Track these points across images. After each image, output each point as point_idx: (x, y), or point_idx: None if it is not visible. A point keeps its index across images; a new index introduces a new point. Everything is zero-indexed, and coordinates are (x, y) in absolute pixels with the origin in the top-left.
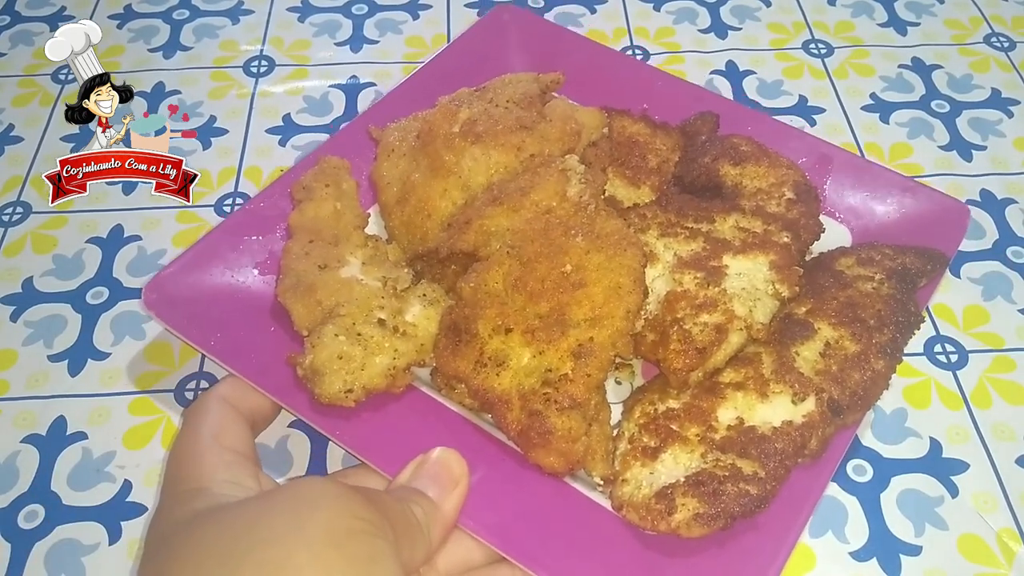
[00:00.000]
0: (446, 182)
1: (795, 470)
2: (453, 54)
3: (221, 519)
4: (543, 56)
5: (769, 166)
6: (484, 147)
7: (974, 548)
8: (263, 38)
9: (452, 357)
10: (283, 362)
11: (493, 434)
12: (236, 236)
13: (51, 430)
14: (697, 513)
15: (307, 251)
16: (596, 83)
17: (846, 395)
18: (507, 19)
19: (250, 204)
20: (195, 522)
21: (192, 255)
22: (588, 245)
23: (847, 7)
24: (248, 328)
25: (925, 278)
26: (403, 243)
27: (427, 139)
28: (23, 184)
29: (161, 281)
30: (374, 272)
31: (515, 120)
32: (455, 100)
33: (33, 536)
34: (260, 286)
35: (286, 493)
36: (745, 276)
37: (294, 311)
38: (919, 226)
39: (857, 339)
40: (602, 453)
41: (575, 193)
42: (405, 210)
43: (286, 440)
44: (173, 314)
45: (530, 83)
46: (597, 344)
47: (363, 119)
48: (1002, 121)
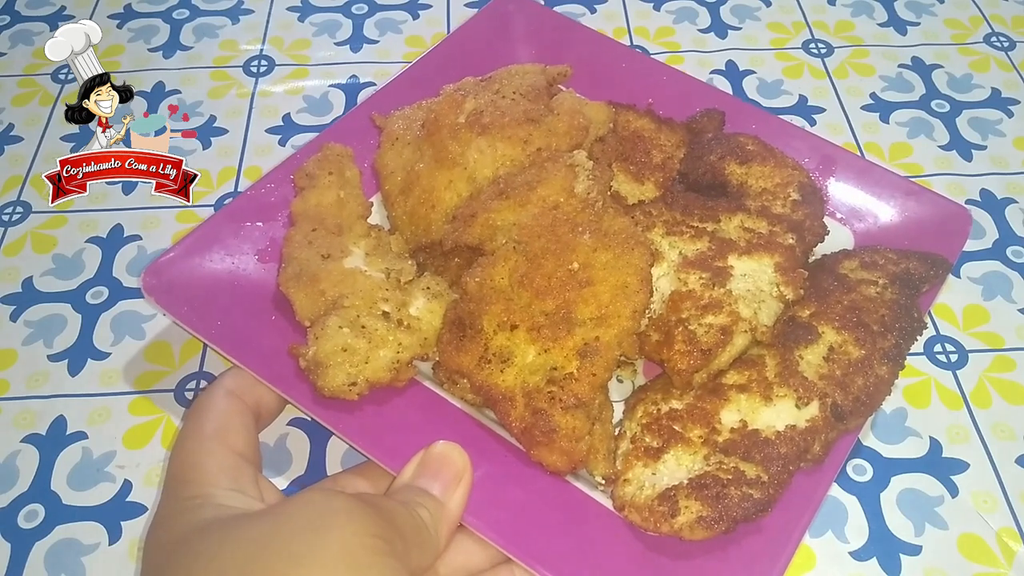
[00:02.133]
0: (451, 173)
1: (797, 474)
2: (456, 42)
3: (232, 535)
4: (547, 46)
5: (775, 166)
6: (490, 139)
7: (974, 547)
8: (263, 38)
9: (456, 352)
10: (285, 352)
11: (495, 430)
12: (237, 222)
13: (51, 430)
14: (700, 516)
15: (310, 240)
16: (600, 76)
17: (849, 400)
18: (511, 8)
19: (251, 190)
20: (203, 535)
21: (192, 240)
22: (595, 243)
23: (847, 7)
24: (249, 316)
25: (928, 283)
26: (406, 234)
27: (432, 128)
28: (23, 184)
29: (161, 266)
30: (378, 263)
31: (522, 112)
32: (460, 89)
33: (33, 536)
34: (261, 274)
35: (298, 510)
36: (750, 277)
37: (296, 301)
38: (921, 230)
39: (861, 344)
40: (604, 452)
41: (583, 190)
42: (409, 200)
43: (285, 438)
44: (172, 300)
45: (537, 75)
46: (603, 343)
47: (366, 106)
48: (1002, 121)
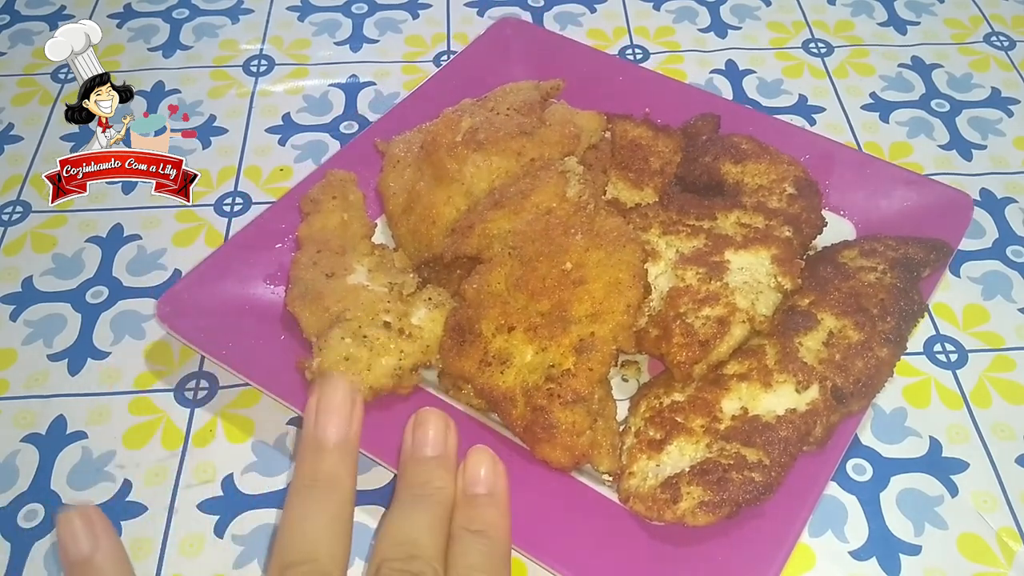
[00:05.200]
0: (449, 189)
1: (800, 458)
2: (456, 67)
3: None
4: (546, 67)
5: (770, 163)
6: (485, 153)
7: (974, 547)
8: (263, 37)
9: (457, 357)
10: (293, 369)
11: (502, 433)
12: (246, 250)
13: (51, 429)
14: (702, 501)
15: (315, 261)
16: (598, 90)
17: (850, 383)
18: (509, 32)
19: (260, 218)
20: None
21: (204, 268)
22: (587, 243)
23: (847, 6)
24: (258, 337)
25: (928, 268)
26: (410, 251)
27: (431, 149)
28: (23, 183)
29: (174, 294)
30: (380, 278)
31: (515, 126)
32: (457, 110)
33: (33, 535)
34: (270, 296)
35: None
36: (747, 270)
37: (302, 318)
38: (923, 218)
39: (860, 328)
40: (608, 448)
41: (574, 194)
42: (411, 218)
43: (285, 437)
44: (186, 326)
45: (531, 90)
46: (598, 339)
47: (369, 133)
48: (1002, 120)
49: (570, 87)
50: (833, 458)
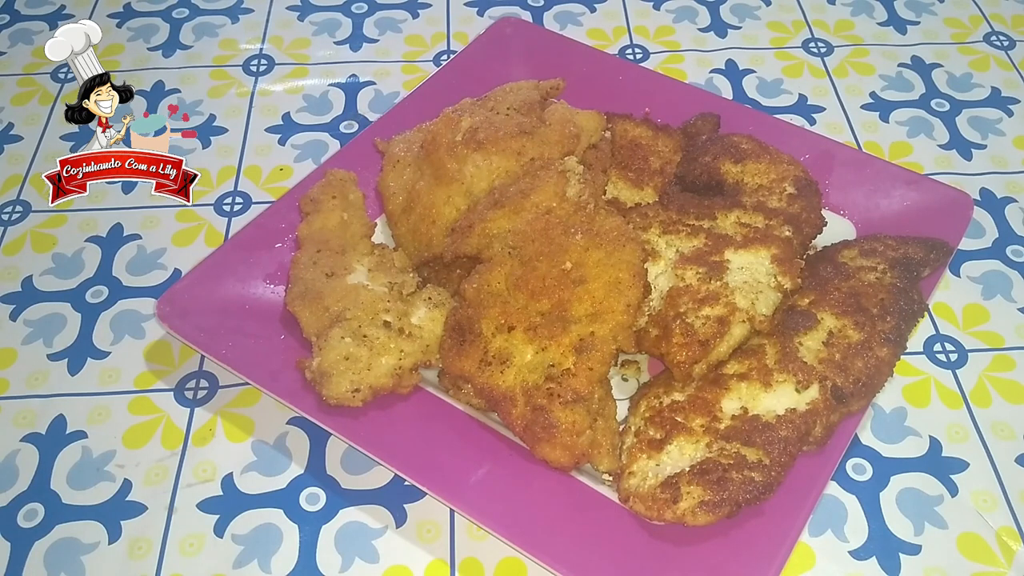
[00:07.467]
0: (449, 189)
1: (800, 458)
2: (456, 66)
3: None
4: (546, 66)
5: (770, 162)
6: (485, 153)
7: (974, 547)
8: (263, 37)
9: (457, 357)
10: (293, 368)
11: (502, 432)
12: (246, 249)
13: (51, 429)
14: (702, 501)
15: (315, 260)
16: (598, 90)
17: (850, 382)
18: (509, 32)
19: (260, 218)
20: None
21: (204, 268)
22: (587, 243)
23: (847, 6)
24: (258, 337)
25: (928, 267)
26: (410, 250)
27: (430, 148)
28: (23, 183)
29: (174, 294)
30: (380, 278)
31: (515, 126)
32: (457, 110)
33: (32, 535)
34: (270, 296)
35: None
36: (747, 270)
37: (303, 318)
38: (923, 217)
39: (860, 328)
40: (608, 447)
41: (574, 193)
42: (411, 218)
43: (285, 438)
44: (186, 326)
45: (531, 90)
46: (598, 338)
47: (369, 133)
48: (1002, 120)
49: (570, 87)
50: (833, 458)
